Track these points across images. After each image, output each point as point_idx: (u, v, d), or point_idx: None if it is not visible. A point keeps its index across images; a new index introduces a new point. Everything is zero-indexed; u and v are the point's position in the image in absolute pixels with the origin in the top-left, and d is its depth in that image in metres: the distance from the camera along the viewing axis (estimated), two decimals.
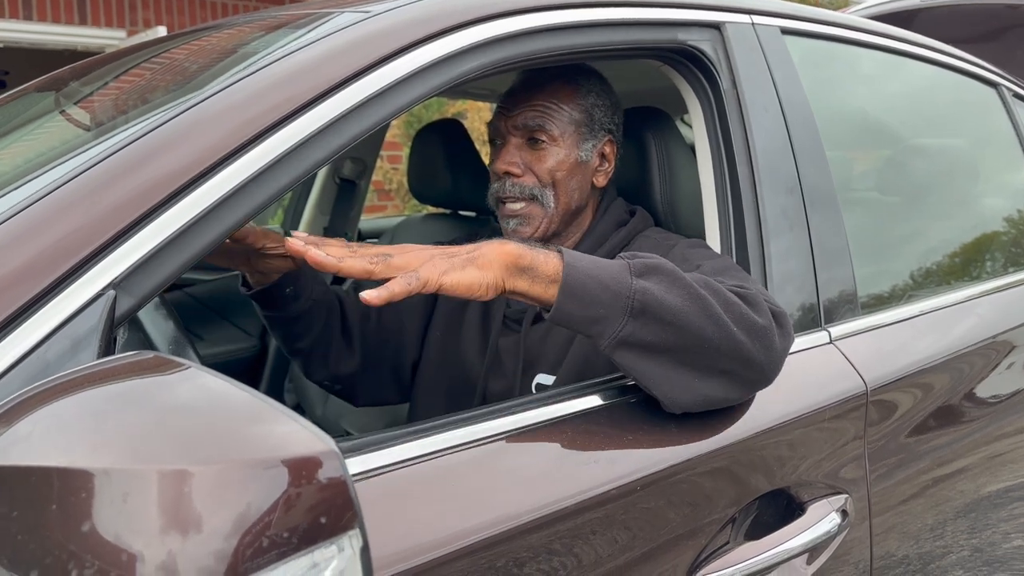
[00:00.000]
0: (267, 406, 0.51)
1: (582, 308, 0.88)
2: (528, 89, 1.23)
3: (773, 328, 0.93)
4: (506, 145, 1.22)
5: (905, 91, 1.71)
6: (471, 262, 0.87)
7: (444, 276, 0.85)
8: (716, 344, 0.90)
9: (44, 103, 1.27)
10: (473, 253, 0.89)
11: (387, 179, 5.09)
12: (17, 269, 0.65)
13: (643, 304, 0.88)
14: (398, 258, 0.85)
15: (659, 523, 0.88)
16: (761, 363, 0.93)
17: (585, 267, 0.89)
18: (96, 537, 0.46)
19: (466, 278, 0.87)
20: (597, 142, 1.26)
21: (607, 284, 0.88)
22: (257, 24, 1.16)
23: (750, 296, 0.95)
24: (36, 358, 0.62)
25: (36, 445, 0.51)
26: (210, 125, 0.77)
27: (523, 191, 1.20)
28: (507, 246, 0.90)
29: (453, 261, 0.87)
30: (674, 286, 0.90)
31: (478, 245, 0.90)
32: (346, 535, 0.49)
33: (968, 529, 1.37)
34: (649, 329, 0.88)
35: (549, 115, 1.21)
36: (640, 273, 0.90)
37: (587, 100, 1.25)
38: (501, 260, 0.88)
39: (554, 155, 1.21)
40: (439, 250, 0.89)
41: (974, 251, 1.73)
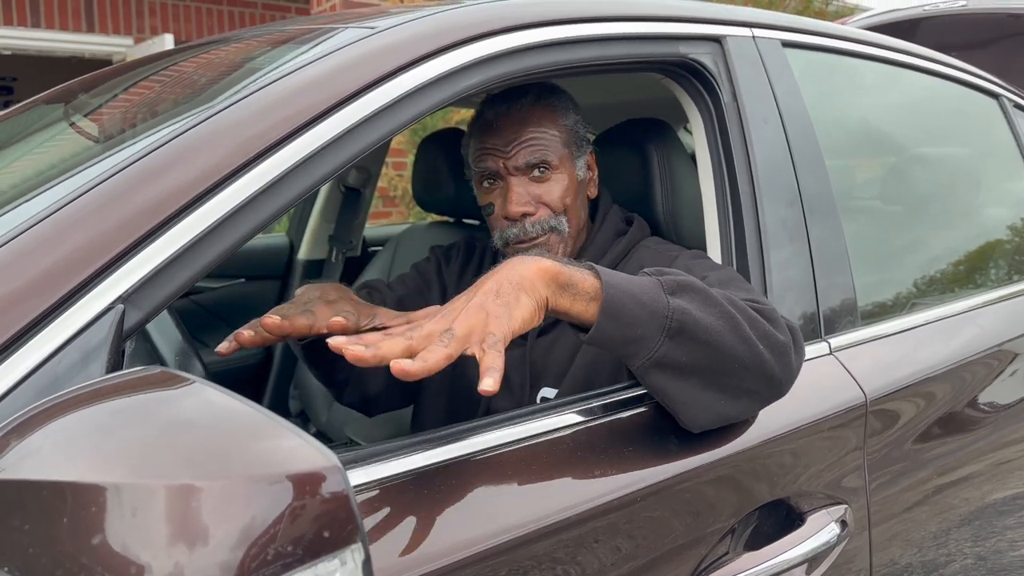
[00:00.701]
0: (271, 421, 0.53)
1: (621, 328, 0.86)
2: (513, 123, 1.20)
3: (791, 344, 0.94)
4: (510, 187, 1.19)
5: (906, 102, 1.72)
6: (519, 290, 0.83)
7: (512, 323, 0.81)
8: (745, 363, 0.89)
9: (53, 115, 1.28)
10: (514, 280, 0.84)
11: (392, 186, 5.11)
12: (28, 283, 0.66)
13: (681, 324, 0.86)
14: (459, 328, 0.79)
15: (660, 533, 0.89)
16: (780, 380, 0.94)
17: (623, 285, 0.87)
18: (106, 550, 0.47)
19: (526, 311, 0.83)
20: (585, 156, 1.27)
21: (644, 303, 0.86)
22: (264, 39, 1.17)
23: (768, 312, 0.95)
24: (47, 370, 0.63)
25: (46, 459, 0.52)
26: (218, 140, 0.78)
27: (543, 227, 1.19)
28: (543, 262, 0.86)
29: (506, 300, 0.82)
30: (707, 304, 0.89)
31: (512, 266, 0.86)
32: (348, 549, 0.50)
33: (972, 537, 1.37)
34: (684, 349, 0.87)
35: (546, 145, 1.20)
36: (672, 291, 0.88)
37: (568, 119, 1.24)
38: (542, 278, 0.85)
39: (560, 182, 1.20)
40: (481, 294, 0.83)
41: (975, 261, 1.73)
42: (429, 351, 0.76)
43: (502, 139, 1.20)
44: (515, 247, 1.21)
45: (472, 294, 0.84)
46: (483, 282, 0.85)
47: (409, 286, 1.36)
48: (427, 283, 1.38)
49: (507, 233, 1.21)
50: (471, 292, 0.84)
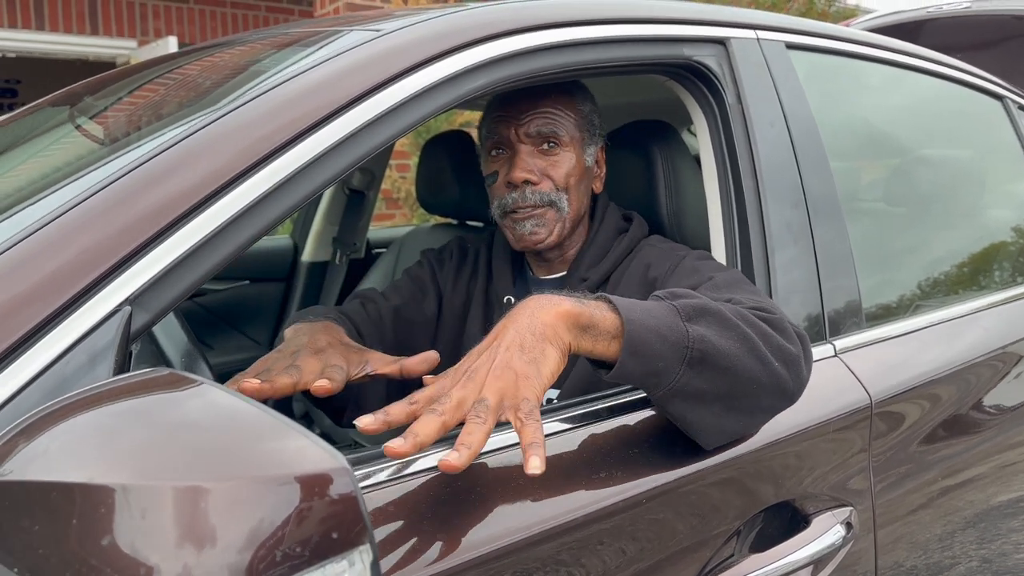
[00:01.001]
0: (279, 422, 0.53)
1: (644, 364, 0.83)
2: (531, 96, 1.23)
3: (801, 354, 0.94)
4: (518, 154, 1.21)
5: (910, 104, 1.72)
6: (544, 342, 0.80)
7: (542, 381, 0.78)
8: (763, 383, 0.89)
9: (59, 118, 1.29)
10: (537, 330, 0.80)
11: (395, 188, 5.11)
12: (36, 285, 0.66)
13: (702, 353, 0.84)
14: (491, 397, 0.76)
15: (665, 535, 0.89)
16: (792, 392, 0.94)
17: (642, 319, 0.84)
18: (115, 551, 0.47)
19: (554, 365, 0.80)
20: (596, 147, 1.28)
21: (664, 335, 0.84)
22: (269, 41, 1.18)
23: (776, 321, 0.94)
24: (55, 372, 0.64)
25: (54, 461, 0.52)
26: (224, 143, 0.78)
27: (542, 198, 1.20)
28: (562, 304, 0.82)
29: (532, 356, 0.79)
30: (725, 328, 0.87)
31: (530, 312, 0.82)
32: (357, 550, 0.50)
33: (977, 539, 1.37)
34: (704, 377, 0.86)
35: (559, 120, 1.22)
36: (690, 317, 0.86)
37: (584, 107, 1.27)
38: (564, 323, 0.82)
39: (567, 160, 1.22)
40: (504, 350, 0.79)
41: (980, 263, 1.73)
42: (469, 435, 0.72)
43: (517, 108, 1.22)
44: (511, 216, 1.21)
45: (495, 350, 0.80)
46: (503, 332, 0.81)
47: (404, 295, 1.35)
48: (422, 289, 1.37)
49: (506, 199, 1.22)
50: (492, 347, 0.80)
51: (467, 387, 0.77)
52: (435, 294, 1.37)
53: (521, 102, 1.23)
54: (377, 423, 0.74)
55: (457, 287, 1.36)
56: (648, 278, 1.18)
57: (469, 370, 0.79)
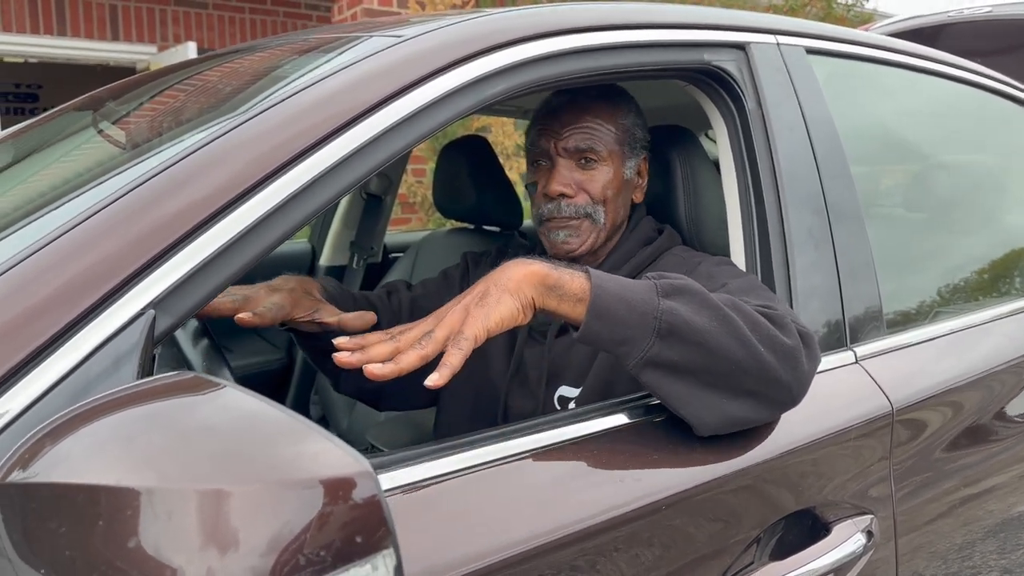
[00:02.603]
0: (303, 426, 0.53)
1: (609, 329, 0.89)
2: (573, 110, 1.25)
3: (800, 349, 0.93)
4: (556, 167, 1.24)
5: (931, 109, 1.71)
6: (504, 292, 0.88)
7: (488, 322, 0.86)
8: (743, 365, 0.90)
9: (82, 123, 1.30)
10: (502, 283, 0.89)
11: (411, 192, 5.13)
12: (61, 289, 0.67)
13: (670, 325, 0.88)
14: (439, 330, 0.86)
15: (684, 542, 0.89)
16: (788, 383, 0.93)
17: (612, 288, 0.90)
18: (141, 553, 0.48)
19: (505, 311, 0.88)
20: (637, 160, 1.29)
21: (634, 305, 0.89)
22: (289, 47, 1.18)
23: (777, 316, 0.95)
24: (80, 374, 0.64)
25: (80, 464, 0.53)
26: (245, 149, 0.79)
27: (577, 211, 1.23)
28: (532, 266, 0.91)
29: (488, 301, 0.88)
30: (701, 307, 0.90)
31: (503, 269, 0.91)
32: (380, 554, 0.50)
33: (998, 549, 1.36)
34: (676, 350, 0.89)
35: (598, 136, 1.24)
36: (667, 294, 0.91)
37: (627, 119, 1.28)
38: (529, 280, 0.90)
39: (604, 174, 1.24)
40: (469, 297, 0.89)
41: (1001, 269, 1.71)
42: (405, 354, 0.84)
43: (559, 122, 1.25)
44: (547, 225, 1.25)
45: (462, 297, 0.90)
46: (475, 286, 0.91)
47: (428, 289, 1.42)
48: (449, 287, 1.41)
49: (543, 209, 1.25)
50: (462, 296, 0.90)
51: (428, 323, 0.88)
52: (459, 289, 1.39)
53: (563, 115, 1.25)
54: (352, 343, 0.86)
55: None
56: None
57: (437, 312, 0.90)
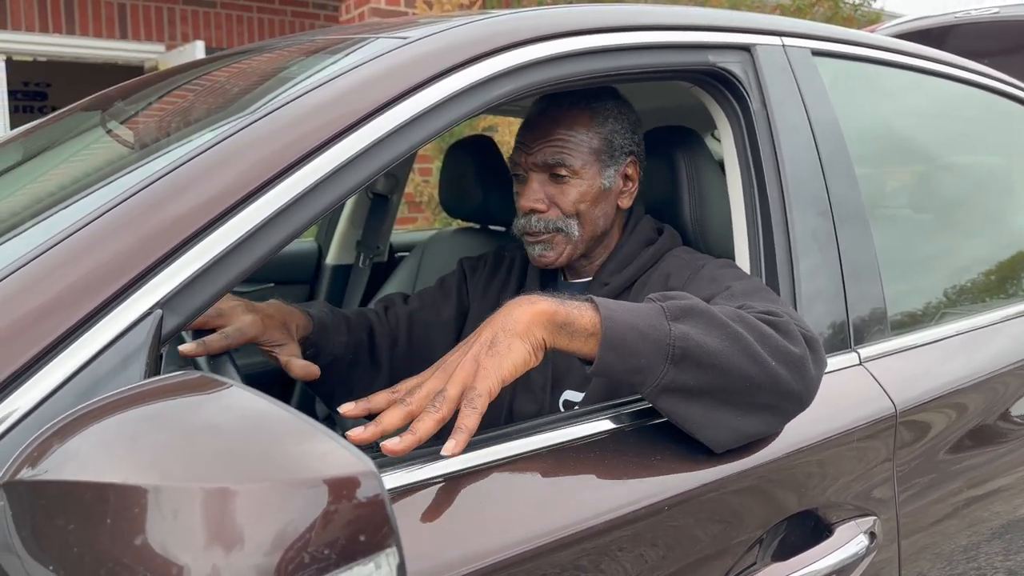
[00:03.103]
0: (308, 425, 0.54)
1: (623, 360, 0.87)
2: (545, 123, 1.23)
3: (808, 356, 0.93)
4: (528, 182, 1.24)
5: (936, 110, 1.70)
6: (514, 337, 0.85)
7: (501, 372, 0.83)
8: (757, 381, 0.89)
9: (91, 122, 1.31)
10: (509, 326, 0.85)
11: (418, 192, 5.14)
12: (70, 288, 0.68)
13: (683, 350, 0.87)
14: (452, 388, 0.81)
15: (687, 543, 0.89)
16: (799, 393, 0.93)
17: (622, 318, 0.88)
18: (148, 551, 0.48)
19: (518, 357, 0.84)
20: (619, 166, 1.27)
21: (646, 333, 0.87)
22: (296, 48, 1.19)
23: (782, 324, 0.94)
24: (89, 373, 0.65)
25: (88, 462, 0.53)
26: (253, 150, 0.79)
27: (548, 225, 1.23)
28: (538, 304, 0.87)
29: (498, 349, 0.84)
30: (711, 327, 0.89)
31: (509, 311, 0.87)
32: (383, 552, 0.51)
33: (1002, 551, 1.36)
34: (690, 374, 0.87)
35: (568, 149, 1.22)
36: (675, 317, 0.89)
37: (605, 127, 1.25)
38: (538, 321, 0.86)
39: (576, 187, 1.23)
40: (477, 346, 0.85)
41: (1007, 271, 1.71)
42: (421, 421, 0.78)
43: (532, 136, 1.24)
44: (526, 239, 1.26)
45: (469, 346, 0.86)
46: (482, 330, 0.87)
47: (425, 300, 1.41)
48: (446, 294, 1.41)
49: (519, 222, 1.27)
50: (469, 343, 0.86)
51: (438, 379, 0.84)
52: (456, 299, 1.39)
53: (536, 128, 1.24)
54: (359, 409, 0.83)
55: (488, 294, 1.39)
56: (668, 287, 1.18)
57: (445, 364, 0.86)
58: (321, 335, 1.25)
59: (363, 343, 1.33)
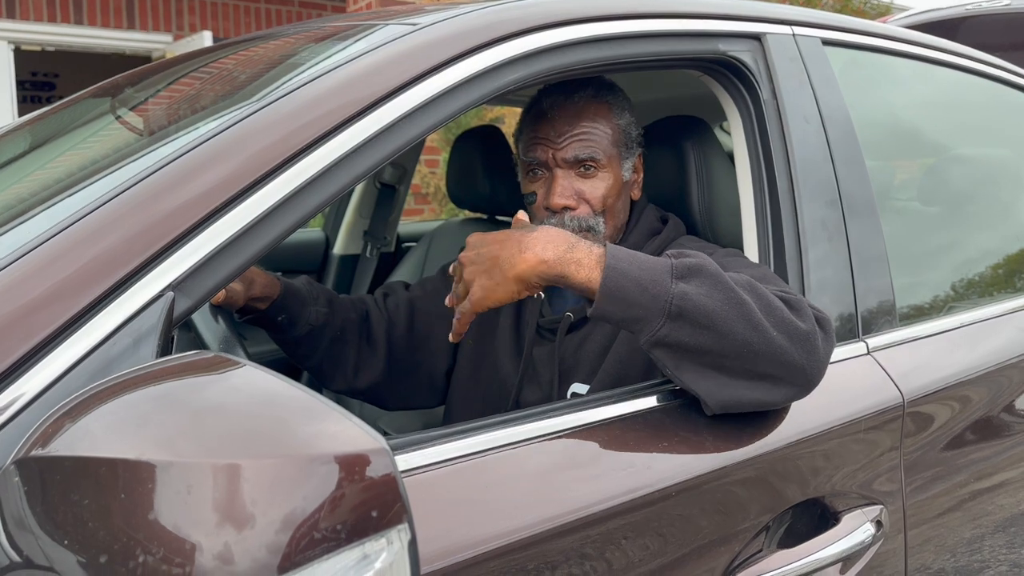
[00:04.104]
0: (321, 404, 0.54)
1: (620, 310, 0.91)
2: (567, 116, 1.22)
3: (816, 333, 0.93)
4: (555, 179, 1.21)
5: (947, 101, 1.70)
6: (508, 278, 0.96)
7: (484, 304, 0.98)
8: (754, 347, 0.90)
9: (100, 109, 1.31)
10: (508, 262, 0.96)
11: (425, 183, 5.14)
12: (83, 270, 0.68)
13: (680, 308, 0.89)
14: (475, 294, 0.98)
15: (692, 529, 0.89)
16: (803, 367, 0.92)
17: (626, 268, 0.91)
18: (160, 526, 0.49)
19: (503, 297, 0.98)
20: (634, 158, 1.28)
21: (646, 287, 0.90)
22: (305, 35, 1.19)
23: (794, 300, 0.95)
24: (102, 352, 0.66)
25: (100, 440, 0.54)
26: (263, 135, 0.80)
27: (581, 224, 1.21)
28: (546, 251, 0.95)
29: (492, 277, 0.97)
30: (715, 289, 0.90)
31: (519, 242, 0.96)
32: (395, 529, 0.51)
33: (1007, 544, 1.35)
34: (685, 331, 0.89)
35: (595, 141, 1.21)
36: (681, 275, 0.91)
37: (622, 120, 1.25)
38: (536, 271, 0.95)
39: (604, 181, 1.22)
40: (480, 263, 0.99)
41: (1015, 263, 1.71)
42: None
43: (555, 130, 1.22)
44: None
45: (482, 244, 1.00)
46: (493, 239, 0.99)
47: (427, 289, 1.41)
48: (448, 285, 1.41)
49: (545, 223, 1.21)
50: (480, 251, 1.00)
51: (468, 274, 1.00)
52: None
53: (557, 122, 1.22)
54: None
55: None
56: None
57: (469, 259, 1.01)
58: (295, 302, 1.26)
59: (354, 323, 1.33)
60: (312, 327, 1.28)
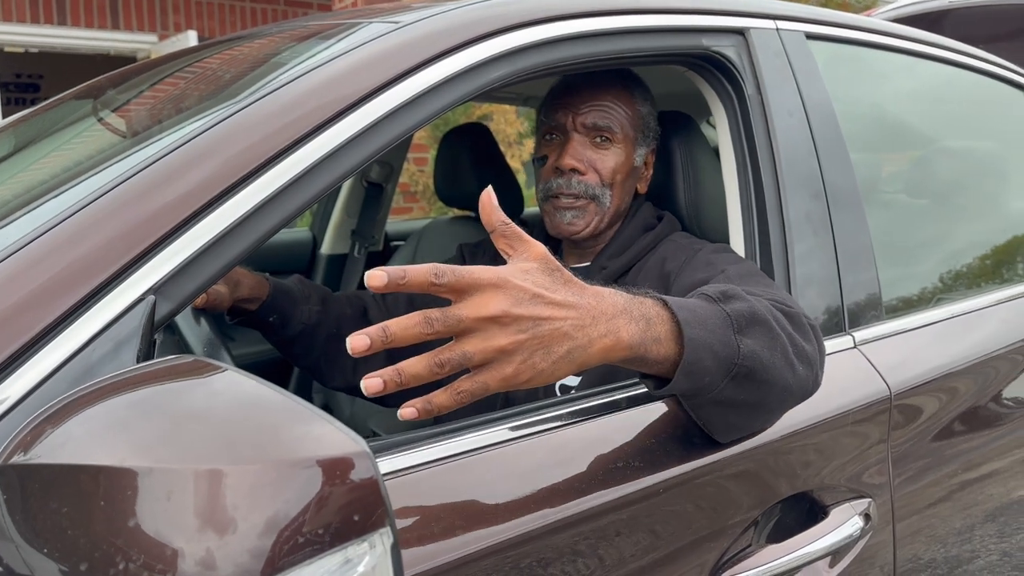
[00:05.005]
0: (302, 408, 0.54)
1: (692, 382, 0.82)
2: (593, 88, 1.25)
3: (817, 352, 0.94)
4: (570, 141, 1.23)
5: (932, 94, 1.70)
6: (576, 363, 0.73)
7: (527, 384, 0.70)
8: (793, 391, 0.89)
9: (82, 111, 1.30)
10: (581, 348, 0.72)
11: (413, 181, 5.13)
12: (62, 274, 0.68)
13: (749, 370, 0.83)
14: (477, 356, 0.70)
15: (682, 525, 0.89)
16: (811, 391, 0.94)
17: (701, 337, 0.79)
18: (141, 533, 0.48)
19: (559, 375, 0.72)
20: (647, 149, 1.30)
21: (717, 352, 0.81)
22: (288, 34, 1.18)
23: (796, 318, 0.92)
24: (82, 358, 0.65)
25: (81, 446, 0.53)
26: (244, 135, 0.79)
27: (586, 189, 1.22)
28: (621, 335, 0.74)
29: (549, 358, 0.70)
30: (771, 340, 0.85)
31: (594, 323, 0.73)
32: (377, 532, 0.51)
33: (997, 533, 1.36)
34: (742, 389, 0.85)
35: (616, 116, 1.24)
36: (741, 328, 0.83)
37: (643, 107, 1.28)
38: (611, 356, 0.76)
39: (616, 155, 1.24)
40: (539, 334, 0.69)
41: (1002, 255, 1.71)
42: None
43: (579, 97, 1.25)
44: (553, 201, 1.24)
45: (531, 316, 0.69)
46: (556, 313, 0.70)
47: None
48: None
49: (551, 183, 1.24)
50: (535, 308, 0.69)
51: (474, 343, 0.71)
52: None
53: (583, 91, 1.25)
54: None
55: None
56: (664, 271, 1.19)
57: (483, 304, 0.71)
58: (286, 302, 1.25)
59: (351, 320, 1.33)
60: (305, 326, 1.27)
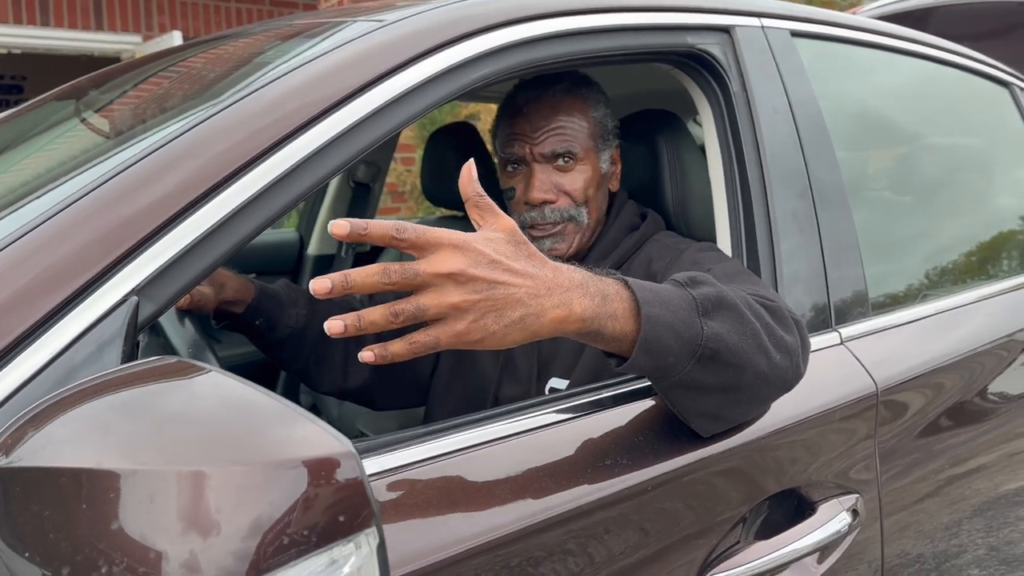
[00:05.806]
0: (286, 408, 0.53)
1: (654, 361, 0.82)
2: (543, 110, 1.22)
3: (799, 344, 0.94)
4: (533, 174, 1.21)
5: (916, 91, 1.71)
6: (528, 330, 0.74)
7: (479, 344, 0.73)
8: (767, 377, 0.89)
9: (64, 112, 1.29)
10: (533, 316, 0.74)
11: (400, 181, 5.11)
12: (44, 276, 0.67)
13: (714, 352, 0.84)
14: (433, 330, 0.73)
15: (671, 522, 0.89)
16: (791, 382, 0.94)
17: (660, 316, 0.81)
18: (124, 536, 0.48)
19: (510, 342, 0.74)
20: (610, 150, 1.28)
21: (679, 332, 0.82)
22: (272, 33, 1.18)
23: (777, 310, 0.93)
24: (65, 360, 0.64)
25: (63, 448, 0.53)
26: (228, 134, 0.79)
27: (562, 215, 1.21)
28: (575, 308, 0.76)
29: (501, 321, 0.73)
30: (738, 323, 0.86)
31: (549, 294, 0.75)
32: (363, 533, 0.50)
33: (984, 528, 1.37)
34: (710, 372, 0.85)
35: (573, 136, 1.21)
36: (707, 311, 0.84)
37: (598, 112, 1.26)
38: (564, 328, 0.77)
39: (583, 173, 1.22)
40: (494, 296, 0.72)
41: (987, 251, 1.73)
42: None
43: (531, 125, 1.22)
44: (530, 232, 1.22)
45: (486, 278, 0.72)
46: (514, 272, 0.73)
47: None
48: None
49: (525, 217, 1.22)
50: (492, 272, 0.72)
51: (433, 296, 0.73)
52: None
53: (534, 117, 1.22)
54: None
55: None
56: (650, 272, 1.19)
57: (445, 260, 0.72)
58: (272, 305, 1.25)
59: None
60: (292, 330, 1.26)
